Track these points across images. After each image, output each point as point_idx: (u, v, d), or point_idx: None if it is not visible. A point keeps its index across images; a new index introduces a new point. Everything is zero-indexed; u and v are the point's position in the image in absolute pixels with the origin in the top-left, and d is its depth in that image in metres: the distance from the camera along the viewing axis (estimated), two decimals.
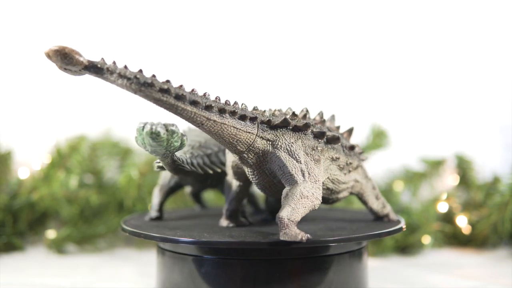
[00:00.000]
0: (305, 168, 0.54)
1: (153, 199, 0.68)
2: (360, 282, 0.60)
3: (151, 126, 0.50)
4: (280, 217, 0.51)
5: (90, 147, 0.97)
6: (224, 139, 0.53)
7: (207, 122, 0.51)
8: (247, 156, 0.54)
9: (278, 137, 0.54)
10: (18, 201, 0.90)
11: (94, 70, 0.48)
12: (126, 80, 0.49)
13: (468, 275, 0.75)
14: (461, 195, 0.98)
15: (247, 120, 0.53)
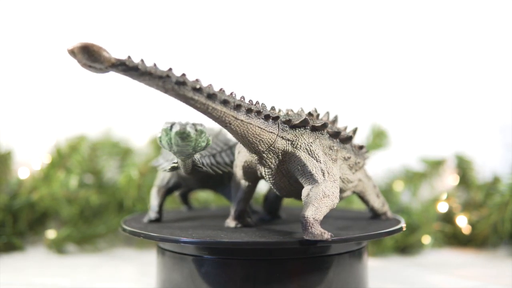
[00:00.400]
0: (324, 168, 0.54)
1: (152, 200, 0.67)
2: (360, 282, 0.60)
3: (181, 126, 0.49)
4: (306, 217, 0.51)
5: (90, 147, 0.97)
6: (247, 139, 0.53)
7: (235, 121, 0.51)
8: (266, 156, 0.54)
9: (297, 137, 0.54)
10: (18, 201, 0.90)
11: (122, 68, 0.47)
12: (158, 79, 0.48)
13: (468, 275, 0.75)
14: (461, 195, 0.98)
15: (269, 120, 0.53)
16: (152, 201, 0.67)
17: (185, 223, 0.64)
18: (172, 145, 0.50)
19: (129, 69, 0.47)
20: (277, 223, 0.64)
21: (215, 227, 0.60)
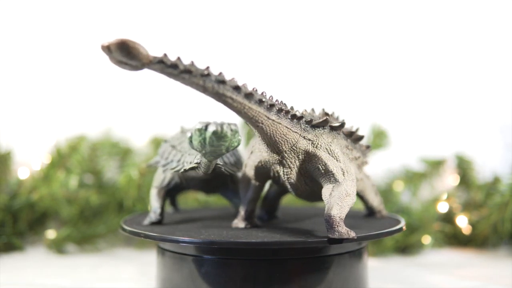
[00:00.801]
0: (344, 167, 0.55)
1: (153, 202, 0.65)
2: (360, 282, 0.60)
3: (217, 126, 0.47)
4: (332, 216, 0.52)
5: (90, 147, 0.97)
6: (274, 139, 0.53)
7: (267, 121, 0.51)
8: (287, 156, 0.54)
9: (317, 137, 0.55)
10: (18, 201, 0.90)
11: (159, 66, 0.45)
12: (199, 77, 0.47)
13: (468, 275, 0.75)
14: (461, 195, 0.98)
15: (294, 119, 0.53)
16: (153, 203, 0.65)
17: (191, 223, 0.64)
18: (205, 145, 0.48)
19: (168, 67, 0.46)
20: (277, 223, 0.64)
21: (225, 227, 0.60)
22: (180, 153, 0.61)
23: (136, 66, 0.45)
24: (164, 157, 0.64)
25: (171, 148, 0.63)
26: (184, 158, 0.59)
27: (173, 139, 0.65)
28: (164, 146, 0.65)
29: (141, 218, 0.68)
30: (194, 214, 0.72)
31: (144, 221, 0.64)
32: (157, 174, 0.66)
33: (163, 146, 0.66)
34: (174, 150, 0.63)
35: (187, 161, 0.58)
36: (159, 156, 0.65)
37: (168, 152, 0.63)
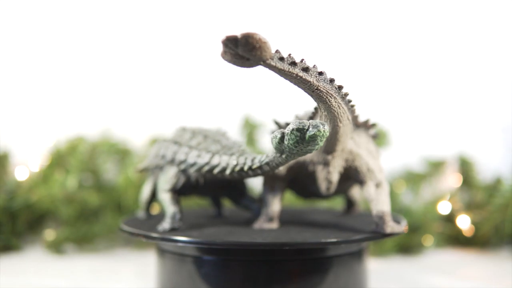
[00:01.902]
0: (379, 164, 0.58)
1: (168, 207, 0.58)
2: (360, 282, 0.59)
3: (320, 127, 0.45)
4: (385, 212, 0.55)
5: (89, 147, 0.97)
6: (340, 139, 0.53)
7: (347, 122, 0.52)
8: (337, 155, 0.56)
9: (358, 136, 0.57)
10: (16, 202, 0.89)
11: (279, 64, 0.44)
12: (314, 76, 0.47)
13: (470, 276, 0.75)
14: (463, 196, 0.97)
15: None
16: (170, 208, 0.58)
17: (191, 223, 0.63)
18: (300, 145, 0.46)
19: (288, 64, 0.45)
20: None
21: (225, 227, 0.59)
22: (207, 153, 0.57)
23: (253, 62, 0.43)
24: (168, 156, 0.60)
25: (177, 147, 0.60)
26: (221, 158, 0.55)
27: (177, 137, 0.61)
28: (163, 146, 0.62)
29: (140, 218, 0.67)
30: (193, 214, 0.72)
31: (160, 227, 0.58)
32: (167, 175, 0.60)
33: (160, 145, 0.63)
34: (186, 148, 0.59)
35: (237, 162, 0.54)
36: (156, 157, 0.62)
37: (174, 151, 0.60)
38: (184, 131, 0.62)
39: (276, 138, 0.47)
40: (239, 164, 0.54)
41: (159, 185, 0.61)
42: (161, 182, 0.61)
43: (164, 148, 0.61)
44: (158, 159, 0.62)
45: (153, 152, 0.64)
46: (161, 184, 0.60)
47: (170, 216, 0.58)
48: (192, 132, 0.61)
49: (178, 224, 0.58)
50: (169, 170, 0.60)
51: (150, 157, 0.65)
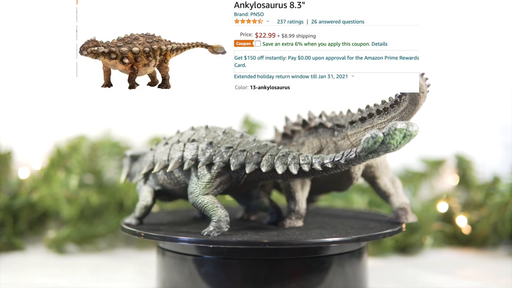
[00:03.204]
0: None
1: (217, 210, 0.55)
2: (360, 282, 0.60)
3: (414, 127, 0.49)
4: (407, 203, 0.62)
5: (90, 147, 0.97)
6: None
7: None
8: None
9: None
10: (18, 201, 0.90)
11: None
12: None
13: (468, 275, 0.75)
14: (461, 195, 0.98)
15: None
16: (218, 212, 0.55)
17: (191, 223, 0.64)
18: (397, 146, 0.49)
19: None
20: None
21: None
22: (241, 151, 0.55)
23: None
24: (205, 157, 0.56)
25: (211, 147, 0.56)
26: (293, 155, 0.54)
27: (199, 137, 0.58)
28: (178, 147, 0.58)
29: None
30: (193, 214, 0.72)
31: (207, 231, 0.55)
32: (204, 178, 0.56)
33: (176, 147, 0.58)
34: (218, 148, 0.56)
35: (298, 160, 0.53)
36: (172, 160, 0.58)
37: (211, 153, 0.56)
38: (199, 130, 0.59)
39: (377, 137, 0.48)
40: (324, 160, 0.52)
41: (194, 189, 0.56)
42: (198, 185, 0.56)
43: (190, 150, 0.57)
44: (176, 162, 0.57)
45: (162, 155, 0.59)
46: (199, 188, 0.56)
47: (219, 220, 0.55)
48: (212, 131, 0.59)
49: (228, 227, 0.55)
50: (202, 172, 0.56)
51: (151, 162, 0.61)
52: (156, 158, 0.60)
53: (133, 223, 0.62)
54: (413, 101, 0.56)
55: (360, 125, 0.58)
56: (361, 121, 0.58)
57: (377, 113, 0.57)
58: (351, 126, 0.59)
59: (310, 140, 0.61)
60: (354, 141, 0.59)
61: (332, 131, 0.61)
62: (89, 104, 1.05)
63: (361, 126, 0.58)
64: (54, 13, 1.05)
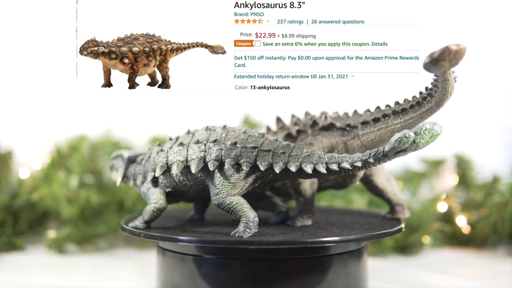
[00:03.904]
0: None
1: (246, 211, 0.54)
2: (360, 282, 0.60)
3: (440, 127, 0.52)
4: (404, 199, 0.65)
5: (90, 147, 0.97)
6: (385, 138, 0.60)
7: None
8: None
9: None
10: (18, 201, 0.90)
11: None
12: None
13: (468, 275, 0.75)
14: (460, 195, 0.98)
15: None
16: (248, 213, 0.54)
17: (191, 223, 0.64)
18: (424, 145, 0.52)
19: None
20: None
21: (225, 226, 0.60)
22: (267, 151, 0.55)
23: (442, 73, 0.53)
24: (230, 157, 0.55)
25: (236, 147, 0.55)
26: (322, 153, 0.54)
27: (219, 137, 0.57)
28: (198, 148, 0.57)
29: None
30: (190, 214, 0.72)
31: (238, 232, 0.54)
32: (231, 178, 0.55)
33: (177, 147, 0.58)
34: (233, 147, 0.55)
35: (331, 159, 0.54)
36: (194, 160, 0.56)
37: (237, 153, 0.55)
38: (214, 131, 0.58)
39: (410, 137, 0.51)
40: (357, 159, 0.53)
41: (220, 190, 0.55)
42: (224, 186, 0.55)
43: (213, 150, 0.56)
44: (198, 162, 0.56)
45: (178, 156, 0.57)
46: (226, 188, 0.55)
47: (252, 220, 0.54)
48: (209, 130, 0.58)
49: (256, 227, 0.55)
50: (230, 172, 0.55)
51: (164, 163, 0.58)
52: (171, 159, 0.57)
53: (140, 227, 0.59)
54: (439, 102, 0.58)
55: (373, 125, 0.59)
56: (374, 121, 0.59)
57: (393, 113, 0.58)
58: (362, 126, 0.60)
59: (320, 140, 0.61)
60: (364, 141, 0.60)
61: (342, 131, 0.61)
62: (89, 104, 1.05)
63: (374, 126, 0.59)
64: (54, 13, 1.05)
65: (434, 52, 0.49)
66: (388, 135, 0.59)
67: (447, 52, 0.48)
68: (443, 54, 0.49)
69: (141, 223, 0.59)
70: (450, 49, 0.48)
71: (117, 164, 0.64)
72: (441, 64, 0.50)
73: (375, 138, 0.60)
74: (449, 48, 0.48)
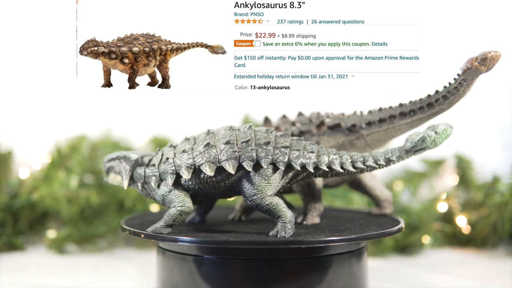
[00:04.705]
0: None
1: (285, 211, 0.54)
2: (360, 282, 0.60)
3: (452, 128, 0.55)
4: (390, 195, 0.67)
5: (90, 147, 0.97)
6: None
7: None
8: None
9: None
10: (18, 201, 0.90)
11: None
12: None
13: (468, 275, 0.75)
14: (460, 195, 0.98)
15: None
16: (287, 213, 0.55)
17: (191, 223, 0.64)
18: (438, 145, 0.55)
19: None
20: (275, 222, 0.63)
21: (225, 226, 0.60)
22: (296, 150, 0.55)
23: (474, 78, 0.59)
24: (267, 157, 0.55)
25: (270, 146, 0.55)
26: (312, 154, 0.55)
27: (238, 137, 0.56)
28: (231, 148, 0.55)
29: (141, 218, 0.67)
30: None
31: (278, 232, 0.54)
32: (269, 178, 0.55)
33: (203, 148, 0.56)
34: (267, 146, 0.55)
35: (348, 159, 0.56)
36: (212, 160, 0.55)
37: (279, 153, 0.55)
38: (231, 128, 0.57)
39: (432, 136, 0.54)
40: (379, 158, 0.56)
41: (258, 190, 0.55)
42: (262, 186, 0.55)
43: (246, 150, 0.55)
44: (233, 163, 0.55)
45: (207, 156, 0.55)
46: (265, 189, 0.55)
47: (291, 221, 0.55)
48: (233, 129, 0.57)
49: (294, 228, 0.55)
50: (270, 171, 0.55)
51: (190, 164, 0.56)
52: (199, 160, 0.55)
53: (163, 232, 0.56)
54: (451, 105, 0.61)
55: (378, 125, 0.62)
56: (380, 122, 0.62)
57: (400, 115, 0.61)
58: (368, 126, 0.63)
59: (326, 140, 0.63)
60: (369, 140, 0.63)
61: (346, 131, 0.63)
62: (89, 104, 1.05)
63: (380, 126, 0.62)
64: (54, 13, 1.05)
65: (475, 57, 0.55)
66: (393, 135, 0.63)
67: (489, 58, 0.54)
68: (485, 60, 0.54)
69: (163, 227, 0.56)
70: (490, 56, 0.54)
71: (118, 166, 0.60)
72: (480, 69, 0.55)
73: (380, 138, 0.63)
74: (490, 54, 0.54)
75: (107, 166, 0.61)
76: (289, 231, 0.54)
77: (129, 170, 0.59)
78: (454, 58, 1.09)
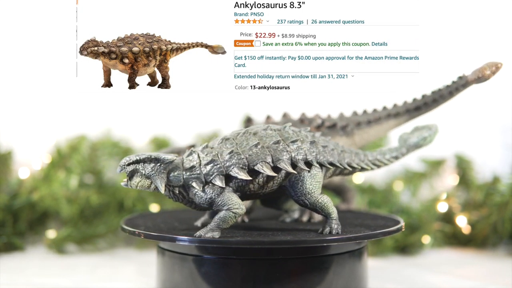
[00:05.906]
0: None
1: (334, 211, 0.56)
2: (360, 282, 0.60)
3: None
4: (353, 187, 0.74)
5: (90, 147, 0.97)
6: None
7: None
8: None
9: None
10: (18, 201, 0.90)
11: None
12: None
13: (468, 275, 0.75)
14: (461, 195, 0.98)
15: None
16: (335, 212, 0.56)
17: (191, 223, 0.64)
18: (431, 142, 0.62)
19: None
20: (277, 222, 0.64)
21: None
22: (332, 150, 0.57)
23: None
24: (315, 156, 0.56)
25: (315, 146, 0.56)
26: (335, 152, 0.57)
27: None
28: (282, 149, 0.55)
29: (141, 218, 0.67)
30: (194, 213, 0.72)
31: (330, 230, 0.56)
32: (316, 177, 0.55)
33: (255, 149, 0.54)
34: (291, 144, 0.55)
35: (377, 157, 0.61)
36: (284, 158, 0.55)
37: (317, 151, 0.56)
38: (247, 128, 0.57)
39: (432, 136, 0.62)
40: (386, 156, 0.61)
41: (310, 189, 0.55)
42: (313, 185, 0.55)
43: (296, 150, 0.55)
44: (287, 162, 0.54)
45: (262, 157, 0.54)
46: (315, 187, 0.55)
47: (337, 217, 0.56)
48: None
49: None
50: (316, 170, 0.55)
51: (243, 164, 0.54)
52: (252, 160, 0.54)
53: (216, 236, 0.54)
54: (437, 106, 0.71)
55: (366, 126, 0.67)
56: (368, 123, 0.67)
57: (387, 115, 0.67)
58: (357, 127, 0.66)
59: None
60: (357, 140, 0.66)
61: (339, 130, 0.66)
62: (89, 104, 1.05)
63: (369, 127, 0.67)
64: (54, 13, 1.05)
65: (485, 67, 0.64)
66: (380, 134, 0.68)
67: (498, 68, 0.63)
68: (497, 70, 0.63)
69: (215, 232, 0.54)
70: (500, 66, 0.63)
71: (148, 169, 0.54)
72: (489, 78, 0.64)
73: (369, 138, 0.67)
74: (500, 65, 0.63)
75: (129, 170, 0.55)
76: (339, 228, 0.56)
77: (163, 173, 0.54)
78: (454, 58, 1.09)
